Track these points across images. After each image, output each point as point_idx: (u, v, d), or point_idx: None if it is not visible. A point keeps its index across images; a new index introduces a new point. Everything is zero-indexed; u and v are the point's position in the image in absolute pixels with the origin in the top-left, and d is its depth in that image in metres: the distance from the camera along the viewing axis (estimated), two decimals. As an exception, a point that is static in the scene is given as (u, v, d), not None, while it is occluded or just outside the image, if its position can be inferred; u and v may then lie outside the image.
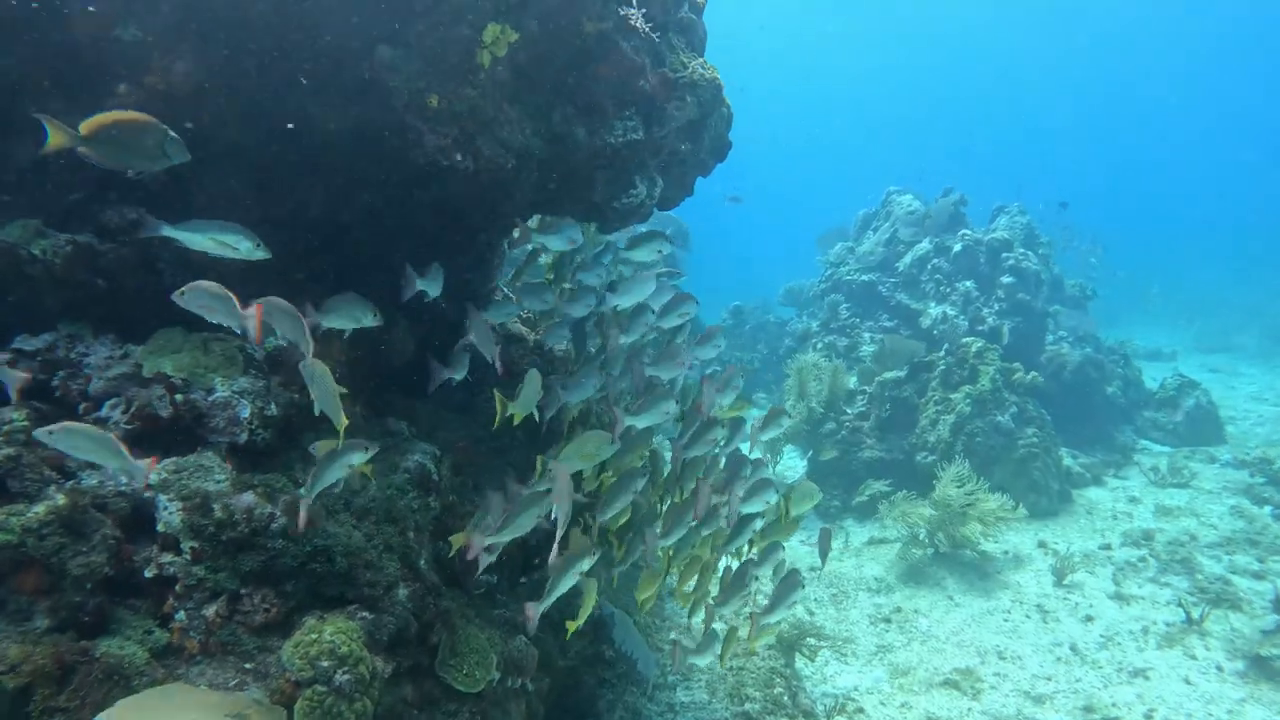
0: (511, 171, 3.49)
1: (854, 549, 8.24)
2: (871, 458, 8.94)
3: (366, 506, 3.14)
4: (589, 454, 3.89)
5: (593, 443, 3.96)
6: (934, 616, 6.93)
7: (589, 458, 3.84)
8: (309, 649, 2.60)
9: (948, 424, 8.51)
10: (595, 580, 3.82)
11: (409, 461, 3.49)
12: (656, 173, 3.95)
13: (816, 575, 7.70)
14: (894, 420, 9.18)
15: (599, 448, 3.87)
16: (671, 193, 4.33)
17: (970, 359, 8.90)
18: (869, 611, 7.04)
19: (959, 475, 7.44)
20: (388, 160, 3.46)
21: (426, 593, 3.17)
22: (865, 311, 12.22)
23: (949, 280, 11.51)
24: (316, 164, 3.48)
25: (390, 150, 3.40)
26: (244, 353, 3.17)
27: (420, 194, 3.62)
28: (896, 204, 13.21)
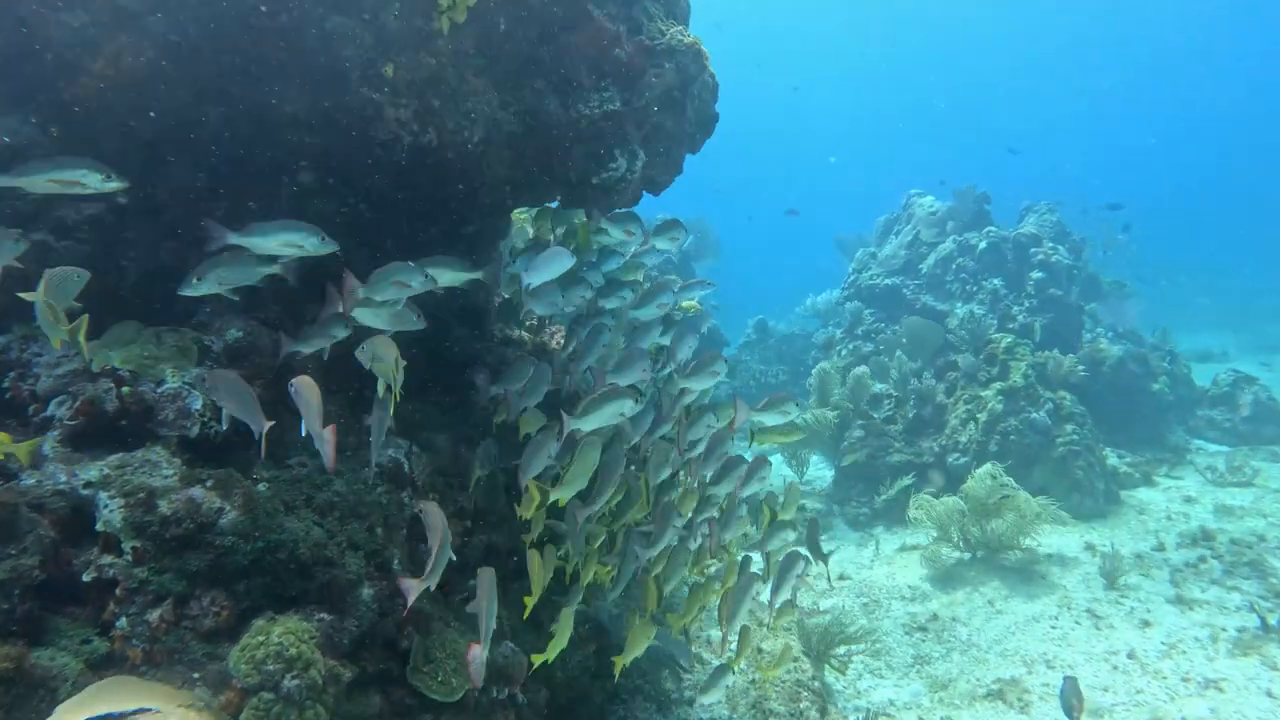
0: (479, 146, 3.31)
1: (885, 557, 7.80)
2: (900, 461, 8.52)
3: (330, 501, 2.92)
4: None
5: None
6: (974, 624, 6.47)
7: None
8: (255, 652, 2.37)
9: (980, 423, 8.08)
10: (571, 611, 3.54)
11: (381, 456, 3.26)
12: (638, 146, 3.74)
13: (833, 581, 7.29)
14: (923, 421, 8.77)
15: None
16: (660, 173, 4.11)
17: (1000, 355, 8.48)
18: (903, 620, 6.61)
19: (991, 470, 7.01)
20: (354, 145, 3.30)
21: (396, 593, 2.92)
22: (890, 316, 11.82)
23: (975, 279, 11.10)
24: (283, 156, 3.33)
25: (354, 132, 3.24)
26: (200, 344, 3.00)
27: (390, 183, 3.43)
28: (918, 206, 12.86)
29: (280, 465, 3.02)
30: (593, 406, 3.45)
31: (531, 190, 3.68)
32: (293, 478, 2.94)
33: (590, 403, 3.45)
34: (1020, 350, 8.48)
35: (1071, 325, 10.67)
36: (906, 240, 12.56)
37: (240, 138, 3.22)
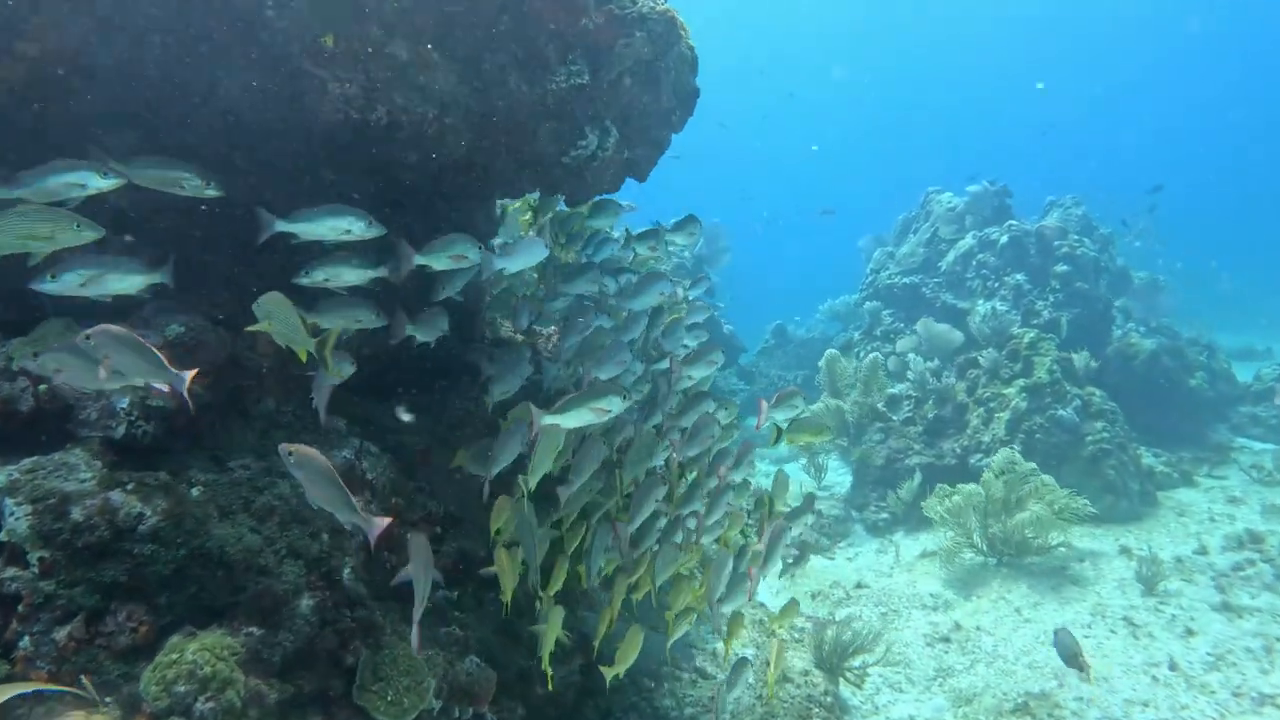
0: (435, 123, 3.07)
1: (905, 563, 7.40)
2: (920, 464, 8.12)
3: (270, 506, 2.68)
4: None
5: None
6: (1000, 634, 6.06)
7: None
8: (166, 672, 2.12)
9: (1003, 421, 7.66)
10: (560, 610, 3.27)
11: (335, 458, 3.02)
12: (611, 123, 3.48)
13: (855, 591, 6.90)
14: (943, 422, 8.37)
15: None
16: (640, 154, 3.85)
17: (1023, 350, 8.06)
18: (925, 631, 6.21)
19: (1009, 455, 6.60)
20: (304, 129, 3.09)
21: (341, 604, 2.67)
22: (909, 316, 11.41)
23: (997, 275, 10.66)
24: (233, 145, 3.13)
25: (303, 114, 3.02)
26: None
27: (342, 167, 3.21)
28: (936, 203, 12.46)
29: (222, 468, 2.80)
30: (573, 403, 3.21)
31: (498, 173, 3.44)
32: (233, 481, 2.71)
33: (571, 399, 3.22)
34: (1045, 345, 8.05)
35: (1100, 320, 10.18)
36: (925, 238, 12.15)
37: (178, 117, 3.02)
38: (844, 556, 7.81)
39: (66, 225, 2.35)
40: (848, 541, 8.13)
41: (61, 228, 2.33)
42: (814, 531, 8.07)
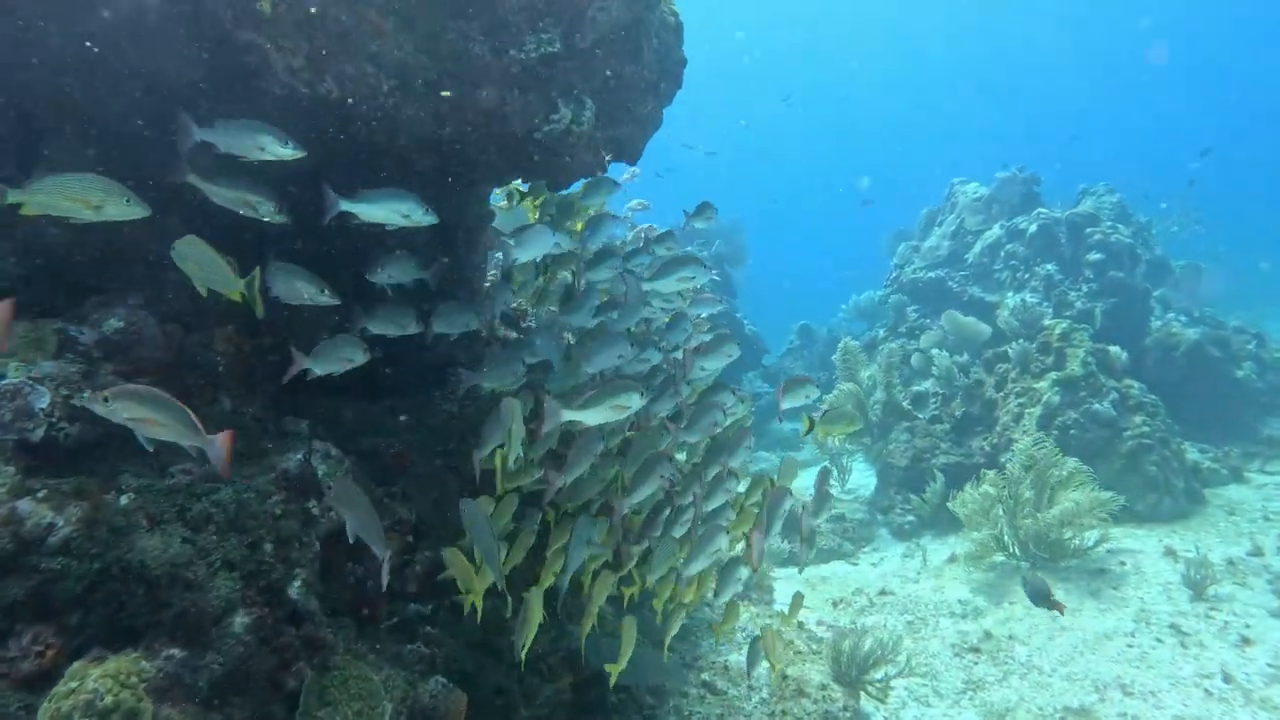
0: (392, 97, 2.82)
1: (932, 569, 6.97)
2: (948, 464, 7.69)
3: (206, 514, 2.43)
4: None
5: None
6: (1035, 643, 5.62)
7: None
8: (63, 703, 1.87)
9: (1034, 417, 7.21)
10: (538, 603, 2.98)
11: (288, 461, 2.77)
12: (587, 96, 3.20)
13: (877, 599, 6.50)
14: (972, 419, 7.93)
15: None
16: (625, 130, 3.56)
17: (1055, 342, 7.60)
18: (953, 640, 5.80)
19: (1035, 440, 6.18)
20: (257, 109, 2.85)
21: (284, 620, 2.41)
22: (935, 311, 10.95)
23: (1026, 265, 10.18)
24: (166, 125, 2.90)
25: (253, 92, 2.79)
26: (63, 335, 2.56)
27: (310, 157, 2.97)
28: (961, 194, 11.99)
29: (161, 473, 2.56)
30: (594, 400, 3.02)
31: (470, 153, 3.17)
32: (169, 488, 2.47)
33: (591, 396, 3.03)
34: (1077, 336, 7.58)
35: (1137, 309, 9.63)
36: (950, 230, 11.69)
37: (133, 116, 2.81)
38: (868, 562, 7.41)
39: (118, 199, 2.25)
40: (872, 546, 7.73)
41: (113, 200, 2.23)
42: (836, 536, 7.69)
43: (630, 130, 3.59)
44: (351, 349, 2.95)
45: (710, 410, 3.79)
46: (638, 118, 3.55)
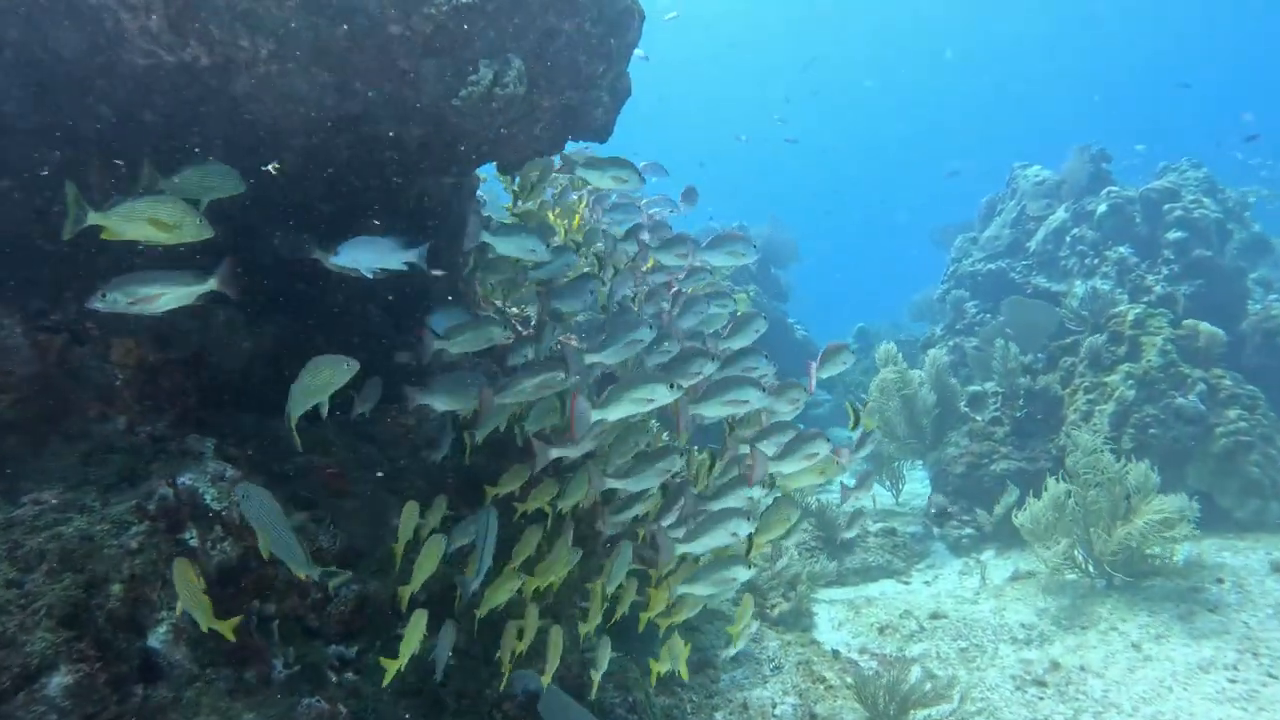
0: (273, 63, 2.42)
1: (993, 588, 6.14)
2: (1008, 469, 6.83)
3: (41, 550, 2.05)
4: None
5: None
6: (1112, 675, 4.78)
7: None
8: None
9: (1106, 415, 6.31)
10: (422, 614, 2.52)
11: (157, 486, 2.38)
12: (515, 55, 2.74)
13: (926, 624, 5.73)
14: (1035, 420, 7.05)
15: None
16: (574, 95, 3.09)
17: (1127, 330, 6.68)
18: (1014, 671, 5.00)
19: (1092, 443, 5.33)
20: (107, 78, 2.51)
21: (124, 681, 2.00)
22: (996, 306, 10.01)
23: (1095, 250, 9.16)
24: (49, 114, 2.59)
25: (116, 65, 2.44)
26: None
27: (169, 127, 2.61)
28: (1022, 178, 11.00)
29: (10, 502, 2.21)
30: (615, 393, 2.82)
31: (371, 120, 2.74)
32: (8, 520, 2.11)
33: (614, 390, 2.83)
34: (1154, 322, 6.64)
35: (1230, 292, 8.47)
36: (1010, 218, 10.72)
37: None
38: (921, 580, 6.63)
39: (191, 218, 2.18)
40: (927, 562, 6.93)
41: (187, 219, 2.17)
42: (886, 552, 6.92)
43: (583, 96, 3.11)
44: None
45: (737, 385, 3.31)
46: (589, 80, 3.07)
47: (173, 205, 2.14)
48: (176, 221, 2.15)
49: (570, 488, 3.08)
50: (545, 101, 3.01)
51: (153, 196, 2.16)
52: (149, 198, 2.15)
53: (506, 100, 2.71)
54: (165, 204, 2.13)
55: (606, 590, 3.03)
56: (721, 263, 3.87)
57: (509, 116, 2.82)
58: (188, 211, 2.17)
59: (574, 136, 3.46)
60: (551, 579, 2.90)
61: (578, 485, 3.07)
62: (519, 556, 2.90)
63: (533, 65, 2.87)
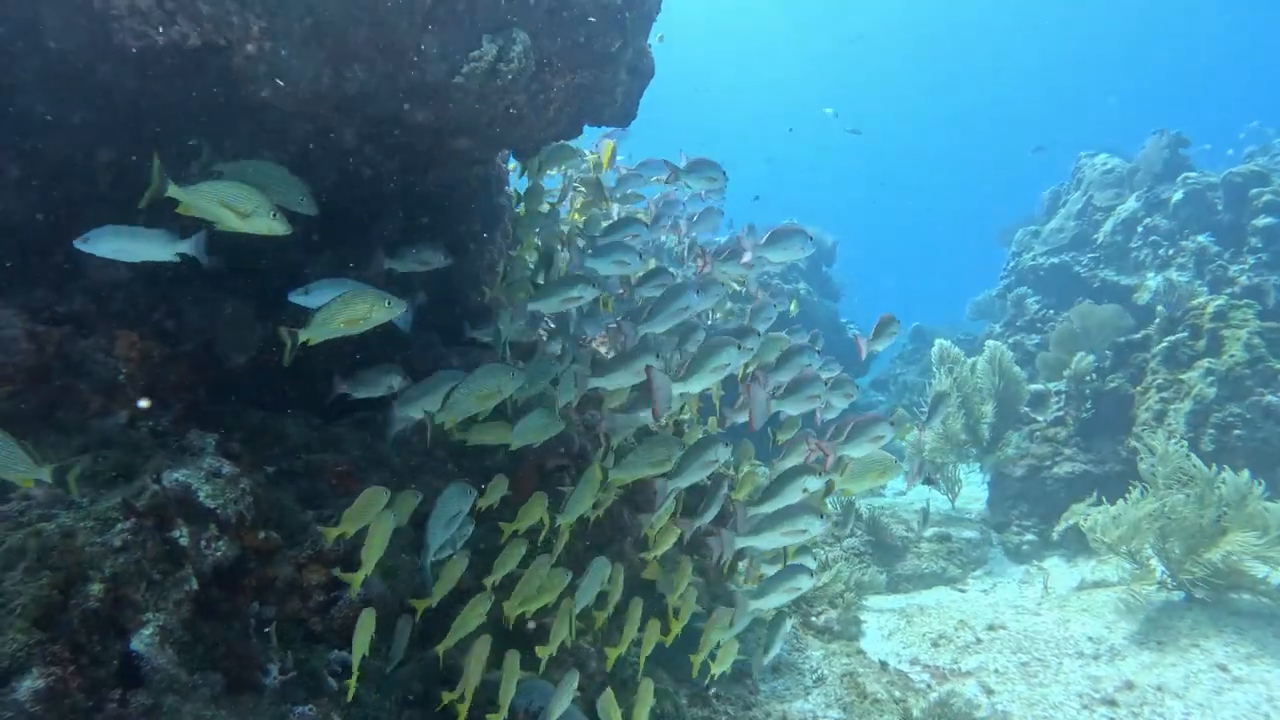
0: (267, 42, 2.30)
1: (1058, 597, 5.68)
2: (1071, 473, 6.33)
3: (20, 546, 1.95)
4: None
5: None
6: (1195, 697, 4.31)
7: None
8: None
9: (1182, 415, 5.77)
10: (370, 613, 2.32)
11: (165, 482, 2.27)
12: (521, 29, 2.55)
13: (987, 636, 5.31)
14: (1101, 421, 6.52)
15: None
16: (588, 75, 2.89)
17: (1206, 324, 6.12)
18: (1081, 688, 4.57)
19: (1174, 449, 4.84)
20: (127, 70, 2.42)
21: (102, 685, 1.88)
22: (1060, 300, 9.41)
23: (1171, 240, 8.50)
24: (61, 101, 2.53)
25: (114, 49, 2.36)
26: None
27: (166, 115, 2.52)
28: (1089, 167, 10.35)
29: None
30: (696, 366, 2.79)
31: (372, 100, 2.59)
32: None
33: (693, 363, 2.80)
34: (1238, 314, 6.05)
35: (1324, 283, 7.74)
36: (1075, 209, 10.08)
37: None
38: (978, 588, 6.19)
39: (266, 209, 2.18)
40: (984, 569, 6.48)
41: (262, 209, 2.16)
42: (940, 559, 6.50)
43: (599, 75, 2.91)
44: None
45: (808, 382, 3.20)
46: (604, 58, 2.86)
47: (250, 194, 2.14)
48: (250, 210, 2.15)
49: (573, 499, 2.84)
50: (558, 81, 2.82)
51: (233, 182, 2.16)
52: (229, 182, 2.16)
53: (511, 77, 2.53)
54: (243, 191, 2.13)
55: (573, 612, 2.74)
56: (779, 258, 3.68)
57: (516, 96, 2.63)
58: (264, 204, 2.16)
59: (593, 121, 3.26)
60: (531, 606, 2.64)
61: (581, 496, 2.85)
62: (498, 570, 2.67)
63: (543, 42, 2.69)
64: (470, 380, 2.50)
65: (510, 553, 2.66)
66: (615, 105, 3.14)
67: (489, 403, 2.55)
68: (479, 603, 2.45)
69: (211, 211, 2.14)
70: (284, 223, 2.20)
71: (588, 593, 2.72)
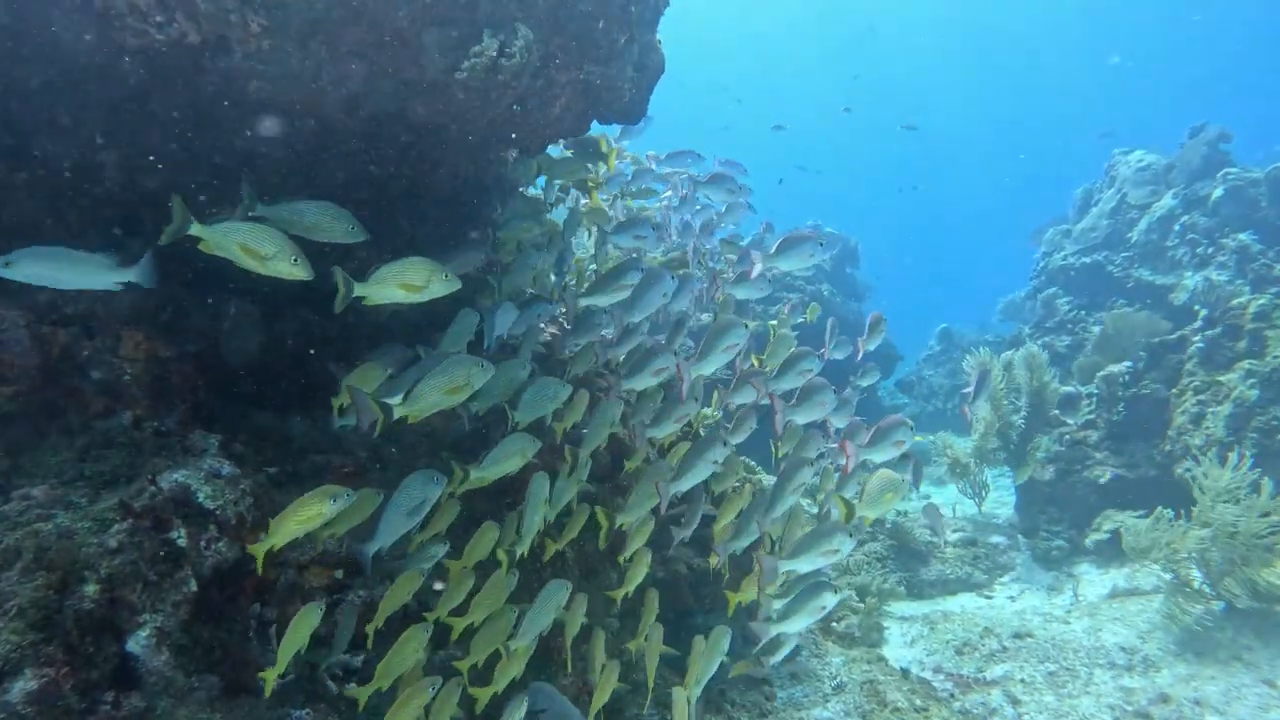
0: (264, 39, 2.26)
1: (1088, 605, 5.46)
2: (1103, 477, 6.10)
3: (17, 547, 1.94)
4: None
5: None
6: (1237, 713, 4.10)
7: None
8: None
9: (1221, 418, 5.53)
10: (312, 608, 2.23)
11: (164, 482, 2.25)
12: (521, 23, 2.49)
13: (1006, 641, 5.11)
14: (1134, 424, 6.28)
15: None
16: (596, 70, 2.82)
17: (1247, 324, 5.86)
18: (1113, 700, 4.38)
19: (1235, 480, 4.61)
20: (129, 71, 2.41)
21: (96, 686, 1.85)
22: (1092, 301, 9.12)
23: (1210, 238, 8.18)
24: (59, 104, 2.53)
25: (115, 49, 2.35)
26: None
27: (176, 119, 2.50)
28: (1123, 164, 10.03)
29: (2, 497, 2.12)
30: (707, 347, 3.03)
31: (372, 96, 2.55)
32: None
33: (705, 344, 3.02)
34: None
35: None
36: (1109, 207, 9.77)
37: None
38: (1005, 595, 5.99)
39: (286, 255, 2.16)
40: (1012, 575, 6.27)
41: (283, 254, 2.15)
42: (966, 564, 6.31)
43: (605, 71, 2.84)
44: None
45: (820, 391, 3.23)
46: (610, 53, 2.79)
47: (271, 238, 2.12)
48: (270, 254, 2.14)
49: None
50: (562, 77, 2.75)
51: (254, 225, 2.15)
52: (252, 225, 2.15)
53: (513, 73, 2.47)
54: (265, 235, 2.12)
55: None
56: (789, 267, 3.69)
57: (519, 92, 2.57)
58: (285, 246, 2.15)
59: (601, 118, 3.20)
60: (471, 619, 2.54)
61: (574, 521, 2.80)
62: (443, 607, 2.56)
63: (547, 37, 2.63)
64: (437, 372, 2.36)
65: (457, 588, 2.57)
66: (623, 102, 3.06)
67: (458, 396, 2.42)
68: (414, 636, 2.33)
69: (232, 253, 2.12)
70: (305, 268, 2.17)
71: (537, 623, 2.60)
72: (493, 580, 2.60)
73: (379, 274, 2.22)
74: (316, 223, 2.36)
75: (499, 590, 2.58)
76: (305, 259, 2.19)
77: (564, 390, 2.90)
